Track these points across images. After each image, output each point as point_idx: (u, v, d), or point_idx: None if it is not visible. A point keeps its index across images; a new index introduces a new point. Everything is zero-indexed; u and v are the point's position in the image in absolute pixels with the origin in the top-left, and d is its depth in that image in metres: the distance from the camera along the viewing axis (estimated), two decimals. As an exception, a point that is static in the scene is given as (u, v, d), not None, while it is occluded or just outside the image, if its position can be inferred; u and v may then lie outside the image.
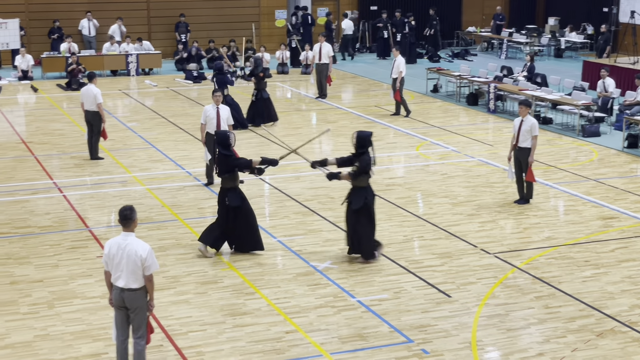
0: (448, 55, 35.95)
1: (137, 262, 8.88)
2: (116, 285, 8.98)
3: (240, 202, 12.80)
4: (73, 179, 17.35)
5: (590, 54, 35.03)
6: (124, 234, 9.00)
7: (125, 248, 8.90)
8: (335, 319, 10.87)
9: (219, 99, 16.47)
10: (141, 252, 8.90)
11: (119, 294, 8.98)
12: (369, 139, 12.71)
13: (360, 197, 12.61)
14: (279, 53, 31.96)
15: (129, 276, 8.91)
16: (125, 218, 8.98)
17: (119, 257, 8.90)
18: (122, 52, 31.18)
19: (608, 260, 12.96)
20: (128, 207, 9.04)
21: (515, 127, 15.45)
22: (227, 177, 12.77)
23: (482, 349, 10.08)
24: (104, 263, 9.04)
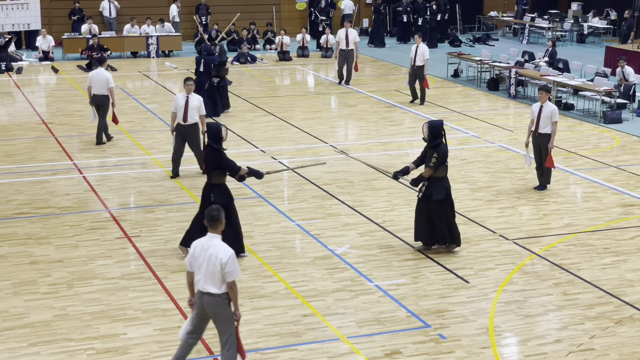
0: (469, 40, 35.76)
1: (217, 266, 8.38)
2: (197, 289, 8.57)
3: (227, 201, 11.96)
4: (93, 160, 17.42)
5: (613, 40, 34.75)
6: (209, 236, 8.53)
7: (208, 250, 8.44)
8: (352, 303, 10.88)
9: (191, 88, 15.80)
10: (222, 256, 8.39)
11: (199, 298, 8.56)
12: (442, 127, 12.34)
13: (441, 188, 12.32)
14: (299, 36, 31.90)
15: (208, 280, 8.44)
16: (212, 219, 8.50)
17: (201, 259, 8.45)
18: (142, 34, 31.23)
19: (628, 248, 12.89)
20: (215, 208, 8.56)
21: (534, 113, 15.35)
22: (216, 173, 12.02)
23: (499, 335, 10.07)
24: (188, 264, 8.60)
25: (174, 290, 11.16)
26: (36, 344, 9.72)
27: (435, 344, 9.82)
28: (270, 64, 30.14)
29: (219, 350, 9.55)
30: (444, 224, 12.38)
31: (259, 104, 22.89)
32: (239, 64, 29.83)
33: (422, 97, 23.10)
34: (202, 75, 21.07)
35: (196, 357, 9.42)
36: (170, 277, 11.62)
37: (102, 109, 18.46)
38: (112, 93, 18.33)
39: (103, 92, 18.36)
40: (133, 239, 13.02)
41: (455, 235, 12.50)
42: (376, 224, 13.75)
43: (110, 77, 18.35)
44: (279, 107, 22.59)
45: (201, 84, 20.95)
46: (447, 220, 12.39)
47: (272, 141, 19.08)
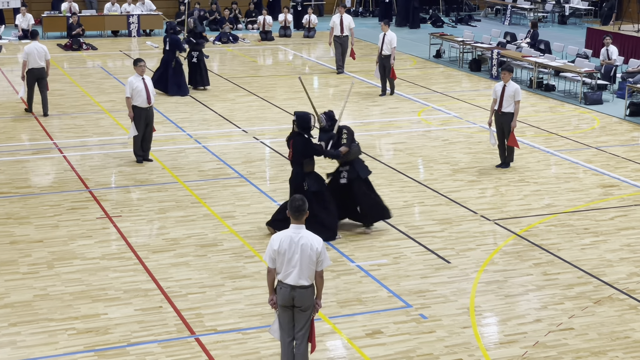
0: (451, 21, 35.74)
1: (313, 256, 8.09)
2: (285, 283, 8.17)
3: (320, 187, 12.08)
4: (73, 140, 17.33)
5: (594, 21, 34.82)
6: (295, 227, 8.15)
7: (299, 241, 8.09)
8: (334, 283, 10.90)
9: (144, 69, 15.46)
10: (317, 246, 8.10)
11: (289, 293, 8.17)
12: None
13: (364, 167, 12.58)
14: (281, 16, 31.76)
15: (302, 272, 8.12)
16: (298, 209, 8.12)
17: (292, 252, 8.09)
18: (123, 13, 31.00)
19: (607, 229, 12.97)
20: (300, 198, 8.17)
21: (497, 92, 15.52)
22: (307, 161, 12.06)
23: (480, 315, 10.13)
24: (270, 260, 8.18)
25: (155, 271, 11.14)
26: (16, 324, 9.69)
27: (416, 323, 9.86)
28: (252, 44, 30.02)
29: (200, 329, 9.57)
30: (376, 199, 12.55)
31: (240, 83, 22.81)
32: (220, 43, 29.69)
33: (392, 88, 21.86)
34: (168, 54, 21.24)
35: (177, 337, 9.42)
36: (152, 257, 11.60)
37: (42, 81, 18.93)
38: (48, 65, 19.11)
39: (41, 65, 18.90)
40: (114, 219, 12.98)
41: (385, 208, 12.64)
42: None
43: (47, 50, 19.03)
44: (260, 87, 22.53)
45: (167, 62, 21.15)
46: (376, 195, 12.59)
47: (254, 121, 19.04)
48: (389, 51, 21.37)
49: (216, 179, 15.00)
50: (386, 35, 21.39)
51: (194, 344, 9.32)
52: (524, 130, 18.45)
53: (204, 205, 13.64)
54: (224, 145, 16.97)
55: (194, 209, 13.47)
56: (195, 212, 13.30)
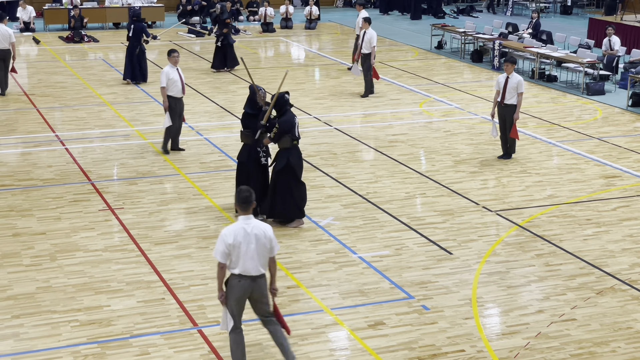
0: (453, 12, 35.67)
1: (267, 244, 8.24)
2: (245, 275, 8.22)
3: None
4: (75, 132, 17.33)
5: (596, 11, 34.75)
6: (244, 218, 8.22)
7: (252, 232, 8.17)
8: (336, 274, 10.91)
9: (177, 60, 15.53)
10: (269, 233, 8.27)
11: (250, 284, 8.26)
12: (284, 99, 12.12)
13: (283, 158, 12.18)
14: (283, 8, 31.72)
15: (260, 261, 8.24)
16: (245, 201, 8.21)
17: (247, 243, 8.17)
18: (124, 5, 30.96)
19: (609, 219, 12.97)
20: (246, 189, 8.28)
21: (499, 84, 15.47)
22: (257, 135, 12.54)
23: (482, 306, 10.13)
24: (222, 255, 8.17)
25: (158, 262, 11.16)
26: (20, 316, 9.71)
27: (418, 315, 9.87)
28: (254, 36, 29.98)
29: (203, 321, 9.58)
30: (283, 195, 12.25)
31: (242, 75, 22.79)
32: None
33: (367, 88, 20.64)
34: (132, 41, 21.49)
35: (180, 328, 9.44)
36: (154, 249, 11.61)
37: (5, 62, 20.17)
38: (13, 47, 20.23)
39: (5, 47, 20.04)
40: (116, 211, 12.99)
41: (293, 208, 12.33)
42: (360, 196, 13.76)
43: (12, 32, 20.18)
44: (262, 78, 22.51)
45: (132, 49, 21.42)
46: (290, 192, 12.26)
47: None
48: (368, 50, 20.31)
49: (218, 170, 15.00)
50: (366, 33, 20.34)
51: (196, 335, 9.34)
52: (526, 121, 18.43)
53: (205, 197, 13.65)
54: (225, 137, 16.97)
55: (195, 201, 13.48)
56: (197, 204, 13.31)
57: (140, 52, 21.48)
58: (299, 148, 12.33)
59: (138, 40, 21.44)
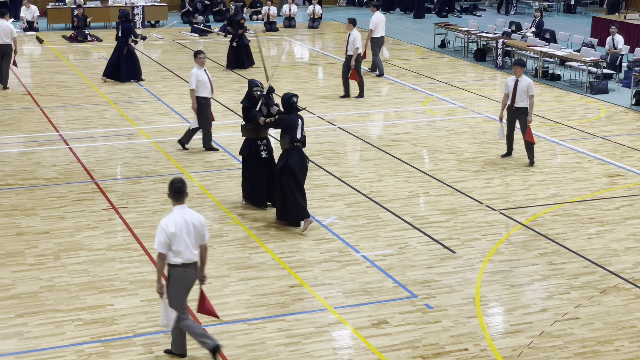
0: (456, 10, 35.64)
1: (202, 231, 8.51)
2: (189, 264, 8.46)
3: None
4: (79, 131, 17.34)
5: (600, 10, 34.72)
6: (179, 208, 8.49)
7: (190, 220, 8.43)
8: (339, 273, 10.92)
9: (204, 61, 15.51)
10: (203, 221, 8.56)
11: (193, 272, 8.53)
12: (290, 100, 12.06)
13: (282, 159, 12.13)
14: (286, 7, 31.71)
15: (196, 248, 8.52)
16: (177, 191, 8.49)
17: (188, 232, 8.41)
18: (128, 4, 30.98)
19: (613, 218, 12.96)
20: (180, 180, 8.53)
21: (509, 87, 15.30)
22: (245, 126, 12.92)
23: (485, 305, 10.13)
24: (164, 245, 8.35)
25: (161, 261, 11.15)
26: (23, 315, 9.72)
27: (421, 313, 9.87)
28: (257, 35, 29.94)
29: (206, 320, 9.59)
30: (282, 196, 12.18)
31: (245, 74, 22.79)
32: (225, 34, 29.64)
33: (346, 90, 20.36)
34: (121, 41, 21.62)
35: (184, 327, 9.44)
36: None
37: (7, 57, 20.61)
38: (15, 42, 20.69)
39: (7, 42, 20.50)
40: (120, 210, 13.00)
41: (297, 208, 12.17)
42: (363, 195, 13.77)
43: (13, 28, 20.70)
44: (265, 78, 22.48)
45: (120, 49, 21.58)
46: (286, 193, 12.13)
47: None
48: (351, 51, 20.06)
49: (221, 170, 15.01)
50: (350, 35, 20.08)
51: (200, 334, 9.33)
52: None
53: (209, 196, 13.66)
54: (229, 136, 16.97)
55: (199, 199, 13.48)
56: (201, 203, 13.31)
57: (128, 52, 21.62)
58: (302, 150, 12.22)
59: (126, 40, 21.58)
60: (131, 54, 21.79)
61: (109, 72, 21.82)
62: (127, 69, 21.78)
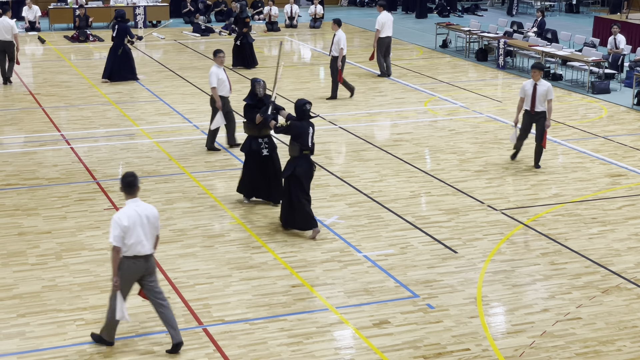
0: (458, 10, 35.64)
1: (156, 223, 8.73)
2: (140, 256, 8.64)
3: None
4: (80, 131, 17.35)
5: (602, 10, 34.70)
6: (132, 201, 8.68)
7: (143, 213, 8.63)
8: (341, 273, 10.92)
9: (223, 60, 15.62)
10: (156, 213, 8.78)
11: (143, 264, 8.70)
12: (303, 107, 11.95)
13: (289, 166, 12.01)
14: (287, 7, 31.72)
15: (151, 241, 8.72)
16: (129, 185, 8.68)
17: (141, 224, 8.60)
18: (129, 4, 30.99)
19: (615, 218, 12.95)
20: (131, 174, 8.72)
21: (526, 91, 14.86)
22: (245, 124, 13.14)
23: (487, 305, 10.13)
24: (119, 239, 8.52)
25: (163, 261, 11.17)
26: (25, 314, 9.73)
27: (423, 313, 9.87)
28: (259, 35, 29.98)
29: (208, 320, 9.59)
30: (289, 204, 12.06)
31: (247, 74, 22.80)
32: (229, 32, 29.68)
33: (333, 91, 20.15)
34: (116, 41, 21.71)
35: (185, 327, 9.45)
36: (159, 248, 11.59)
37: (9, 53, 20.97)
38: (16, 38, 21.02)
39: (8, 38, 20.85)
40: (121, 210, 12.99)
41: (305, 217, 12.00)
42: (365, 195, 13.77)
43: (14, 24, 21.04)
44: (267, 78, 22.50)
45: (115, 49, 21.68)
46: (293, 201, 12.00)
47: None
48: (336, 52, 19.87)
49: (223, 169, 15.01)
50: (335, 36, 19.94)
51: (201, 334, 9.35)
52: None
53: (210, 196, 13.66)
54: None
55: (200, 199, 13.49)
56: (202, 203, 13.32)
57: (123, 52, 21.69)
58: (310, 158, 12.05)
59: (121, 40, 21.65)
60: (126, 54, 21.78)
61: (107, 74, 21.83)
62: (119, 69, 21.80)
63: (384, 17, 22.15)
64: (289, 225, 12.19)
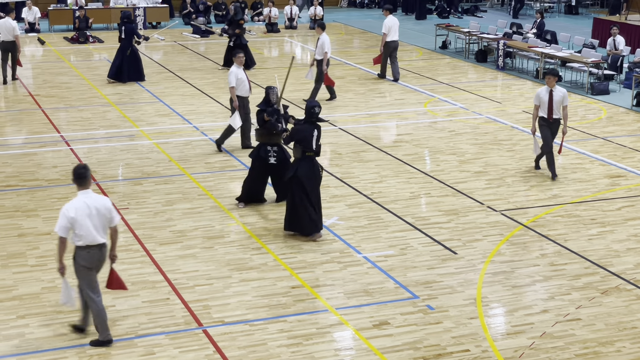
0: (457, 11, 35.65)
1: (107, 214, 8.96)
2: (94, 245, 8.92)
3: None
4: (80, 133, 17.36)
5: (601, 11, 34.72)
6: (84, 192, 8.89)
7: (93, 205, 8.87)
8: (341, 274, 10.92)
9: (242, 60, 15.68)
10: (109, 205, 9.00)
11: (97, 252, 8.96)
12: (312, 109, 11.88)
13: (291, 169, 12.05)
14: (287, 8, 31.73)
15: (103, 231, 8.98)
16: (80, 177, 8.90)
17: (92, 215, 8.83)
18: (129, 5, 31.00)
19: (614, 219, 12.96)
20: (82, 166, 8.94)
21: (541, 98, 14.50)
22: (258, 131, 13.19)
23: (487, 306, 10.13)
24: (65, 229, 8.78)
25: (162, 263, 11.17)
26: (25, 316, 9.73)
27: (423, 314, 9.88)
28: (258, 36, 30.01)
29: (208, 321, 9.60)
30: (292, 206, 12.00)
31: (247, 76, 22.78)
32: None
33: (313, 93, 19.88)
34: (124, 42, 21.75)
35: (185, 328, 9.45)
36: (159, 249, 11.62)
37: (11, 53, 21.34)
38: (18, 39, 21.31)
39: (10, 39, 21.23)
40: (121, 211, 13.00)
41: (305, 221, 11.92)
42: (364, 196, 13.77)
43: (16, 26, 21.39)
44: (266, 78, 22.52)
45: (124, 49, 21.73)
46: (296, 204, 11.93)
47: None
48: (320, 55, 19.59)
49: (223, 171, 15.02)
50: (319, 39, 19.66)
51: (201, 335, 9.35)
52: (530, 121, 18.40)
53: (210, 197, 13.67)
54: (230, 138, 16.96)
55: (200, 201, 13.49)
56: (202, 204, 13.32)
57: (132, 53, 21.75)
58: (314, 160, 11.95)
59: (129, 41, 21.70)
60: (134, 55, 21.85)
61: (113, 73, 21.88)
62: (129, 71, 21.87)
63: (390, 21, 21.98)
64: (291, 228, 12.15)
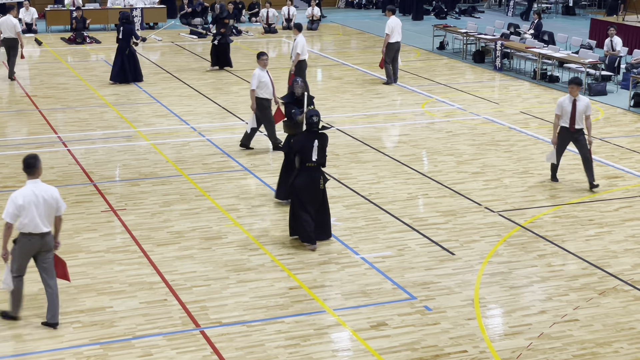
0: (455, 12, 35.67)
1: (54, 204, 9.26)
2: (36, 233, 9.20)
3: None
4: (77, 133, 17.34)
5: (598, 12, 34.74)
6: (32, 182, 9.25)
7: (41, 194, 9.20)
8: (338, 275, 10.91)
9: (266, 62, 15.54)
10: (56, 195, 9.30)
11: (39, 241, 9.24)
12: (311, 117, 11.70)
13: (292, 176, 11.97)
14: (285, 9, 31.73)
15: (48, 220, 9.26)
16: (29, 166, 9.25)
17: (38, 204, 9.16)
18: (126, 6, 30.99)
19: (612, 220, 12.96)
20: (32, 156, 9.29)
21: (564, 108, 14.07)
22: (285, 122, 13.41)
23: (484, 306, 10.13)
24: (13, 216, 9.14)
25: (160, 264, 11.16)
26: (22, 317, 9.70)
27: (420, 315, 9.87)
28: (256, 36, 30.00)
29: (205, 322, 9.59)
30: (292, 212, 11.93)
31: (244, 76, 22.80)
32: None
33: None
34: (122, 43, 21.79)
35: (182, 329, 9.44)
36: (156, 250, 11.61)
37: (13, 50, 21.90)
38: (20, 36, 21.84)
39: (12, 36, 21.77)
40: (119, 212, 12.99)
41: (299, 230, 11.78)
42: (362, 197, 13.77)
43: (17, 23, 21.94)
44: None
45: (121, 50, 21.76)
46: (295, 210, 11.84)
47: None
48: (294, 57, 19.57)
49: (220, 171, 15.01)
50: (295, 40, 19.50)
51: (199, 336, 9.34)
52: (528, 121, 18.44)
53: (208, 198, 13.66)
54: (227, 138, 16.98)
55: (198, 202, 13.48)
56: (200, 205, 13.31)
57: (130, 54, 21.75)
58: (314, 172, 11.64)
59: (127, 42, 21.70)
60: (132, 56, 21.85)
61: (115, 75, 21.82)
62: (129, 70, 21.85)
63: (393, 22, 21.84)
64: (294, 233, 12.03)
